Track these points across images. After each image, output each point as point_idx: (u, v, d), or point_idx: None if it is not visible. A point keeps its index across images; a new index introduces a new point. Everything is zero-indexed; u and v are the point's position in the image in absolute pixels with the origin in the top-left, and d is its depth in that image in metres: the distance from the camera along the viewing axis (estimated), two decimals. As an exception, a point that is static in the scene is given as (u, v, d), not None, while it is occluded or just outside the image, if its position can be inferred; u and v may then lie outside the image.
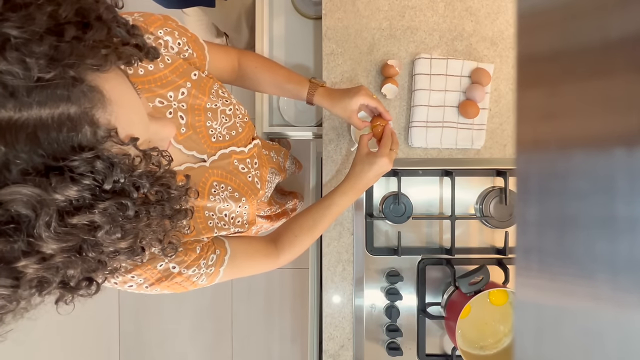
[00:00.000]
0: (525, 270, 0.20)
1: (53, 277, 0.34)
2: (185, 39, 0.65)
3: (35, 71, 0.28)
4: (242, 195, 0.71)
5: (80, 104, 0.31)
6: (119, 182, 0.34)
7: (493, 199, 0.95)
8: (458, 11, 0.97)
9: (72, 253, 0.33)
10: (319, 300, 1.05)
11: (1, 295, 0.32)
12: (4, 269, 0.31)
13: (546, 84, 0.19)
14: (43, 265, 0.32)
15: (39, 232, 0.30)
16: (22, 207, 0.29)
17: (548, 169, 0.18)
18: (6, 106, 0.28)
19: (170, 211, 0.41)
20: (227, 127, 0.70)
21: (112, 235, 0.35)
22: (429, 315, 0.92)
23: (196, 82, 0.65)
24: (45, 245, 0.31)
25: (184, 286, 0.59)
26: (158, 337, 1.84)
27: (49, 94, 0.29)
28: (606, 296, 0.16)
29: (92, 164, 0.32)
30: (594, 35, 0.16)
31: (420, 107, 0.96)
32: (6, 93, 0.28)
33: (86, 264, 0.35)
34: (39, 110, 0.29)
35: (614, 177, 0.15)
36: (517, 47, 0.20)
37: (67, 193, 0.31)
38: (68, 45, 0.30)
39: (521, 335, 0.20)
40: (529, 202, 0.19)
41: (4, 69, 0.27)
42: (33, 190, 0.29)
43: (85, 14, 0.32)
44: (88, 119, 0.32)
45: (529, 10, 0.19)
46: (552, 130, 0.18)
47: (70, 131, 0.31)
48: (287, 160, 1.23)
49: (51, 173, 0.30)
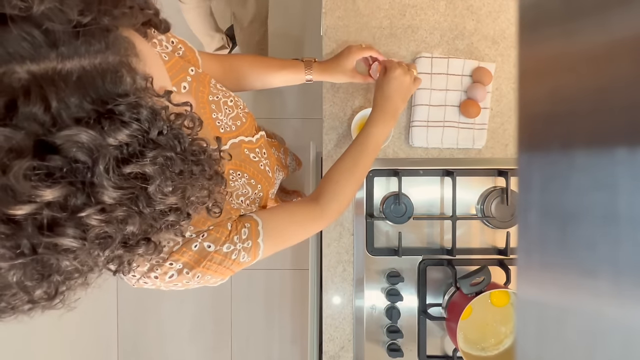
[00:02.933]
0: (526, 270, 0.20)
1: (115, 233, 0.35)
2: (176, 40, 0.67)
3: (74, 14, 0.29)
4: (258, 182, 0.71)
5: (118, 52, 0.33)
6: (162, 134, 0.35)
7: (494, 199, 0.94)
8: (459, 10, 0.97)
9: (130, 206, 0.34)
10: (319, 301, 1.04)
11: (71, 249, 0.32)
12: (70, 219, 0.31)
13: (548, 82, 0.18)
14: (105, 216, 0.33)
15: (99, 179, 0.31)
16: (80, 152, 0.30)
17: (549, 168, 0.18)
18: (49, 56, 0.29)
19: (210, 170, 0.42)
20: (232, 118, 0.70)
21: (163, 189, 0.36)
22: (430, 317, 0.92)
23: (195, 76, 0.65)
24: (105, 193, 0.32)
25: (226, 266, 0.58)
26: (157, 338, 1.84)
27: (87, 41, 0.31)
28: (608, 296, 0.16)
29: (137, 109, 0.33)
30: (595, 33, 0.16)
31: (421, 107, 0.95)
32: (49, 42, 0.29)
33: (143, 221, 0.36)
34: (80, 60, 0.30)
35: (616, 176, 0.15)
36: (519, 46, 0.20)
37: (120, 137, 0.32)
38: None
39: (522, 337, 0.20)
40: (531, 202, 0.19)
41: (46, 9, 0.28)
42: (88, 133, 0.30)
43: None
44: (126, 67, 0.33)
45: (531, 8, 0.19)
46: (554, 130, 0.18)
47: (113, 78, 0.32)
48: (287, 157, 1.23)
49: (102, 117, 0.31)
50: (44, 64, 0.29)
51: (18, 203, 0.29)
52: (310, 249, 1.08)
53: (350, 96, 0.97)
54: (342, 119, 0.98)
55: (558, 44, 0.18)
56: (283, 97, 1.83)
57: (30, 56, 0.28)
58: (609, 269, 0.16)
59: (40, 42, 0.28)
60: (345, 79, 0.88)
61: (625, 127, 0.15)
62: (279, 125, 1.82)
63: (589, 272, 0.16)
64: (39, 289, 0.34)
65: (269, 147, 0.84)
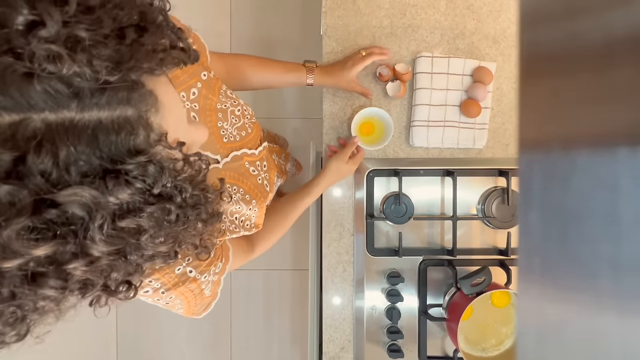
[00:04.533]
0: (527, 271, 0.20)
1: (97, 280, 0.34)
2: (190, 39, 0.65)
3: (103, 74, 0.29)
4: (252, 198, 0.70)
5: (138, 107, 0.32)
6: (166, 187, 0.34)
7: (495, 199, 0.94)
8: (460, 9, 0.97)
9: (117, 256, 0.34)
10: (319, 302, 1.04)
11: (49, 297, 0.32)
12: (55, 271, 0.31)
13: (549, 82, 0.18)
14: (91, 267, 0.32)
15: (92, 234, 0.30)
16: (79, 209, 0.29)
17: (551, 168, 0.18)
18: (69, 106, 0.28)
19: (206, 215, 0.42)
20: (237, 128, 0.70)
21: (155, 239, 0.36)
22: (431, 317, 0.91)
23: (206, 82, 0.65)
24: (95, 247, 0.31)
25: (194, 294, 0.59)
26: (156, 338, 1.84)
27: (110, 96, 0.30)
28: (609, 298, 0.16)
29: (145, 167, 0.32)
30: (597, 32, 0.16)
31: (422, 106, 0.95)
32: (71, 93, 0.28)
33: (128, 267, 0.36)
34: (99, 112, 0.29)
35: (618, 177, 0.15)
36: (520, 46, 0.20)
37: (122, 196, 0.31)
38: (129, 48, 0.30)
39: (523, 337, 0.20)
40: (532, 203, 0.19)
41: (76, 70, 0.28)
42: (91, 192, 0.29)
43: (143, 17, 0.33)
44: (143, 122, 0.32)
45: (532, 7, 0.19)
46: (555, 130, 0.18)
47: (128, 134, 0.31)
48: (287, 163, 1.23)
49: (107, 176, 0.30)
50: (62, 114, 0.28)
51: (6, 258, 0.28)
52: (310, 249, 1.08)
53: (351, 96, 0.97)
54: (342, 119, 0.97)
55: (559, 43, 0.18)
56: (283, 97, 1.83)
57: (50, 107, 0.27)
58: (610, 270, 0.15)
59: (63, 95, 0.28)
60: (345, 88, 0.92)
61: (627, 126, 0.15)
62: (279, 125, 1.82)
63: (590, 273, 0.16)
64: (12, 331, 0.33)
65: (270, 158, 0.84)
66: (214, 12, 1.81)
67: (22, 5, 0.26)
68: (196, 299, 0.59)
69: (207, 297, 0.61)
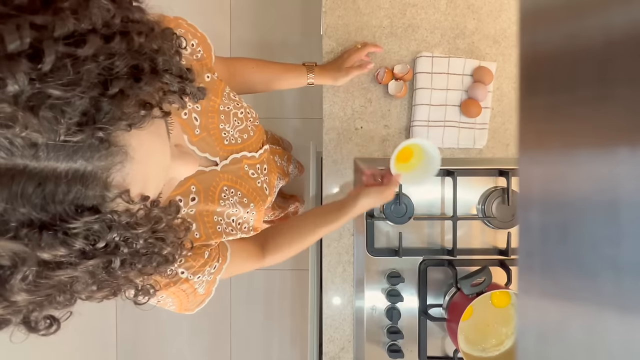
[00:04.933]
0: (527, 271, 0.20)
1: (14, 319, 0.32)
2: (196, 40, 0.65)
3: (61, 134, 0.26)
4: (250, 201, 0.70)
5: (98, 165, 0.29)
6: (113, 240, 0.31)
7: (495, 199, 0.94)
8: (460, 9, 0.96)
9: (42, 300, 0.31)
10: (319, 302, 1.04)
11: None
12: None
13: (549, 82, 0.18)
14: (7, 310, 0.30)
15: (12, 283, 0.28)
16: (3, 259, 0.27)
17: (551, 168, 0.18)
18: (23, 155, 0.26)
19: (156, 263, 0.37)
20: (240, 130, 0.70)
21: (87, 287, 0.33)
22: (431, 317, 0.91)
23: (209, 84, 0.65)
24: (14, 295, 0.28)
25: (187, 294, 0.58)
26: (156, 339, 1.84)
27: (70, 152, 0.27)
28: (610, 298, 0.16)
29: (90, 226, 0.29)
30: (597, 32, 0.16)
31: (422, 106, 0.95)
32: (27, 145, 0.26)
33: (52, 307, 0.33)
34: (55, 163, 0.27)
35: (618, 177, 0.15)
36: (520, 46, 0.20)
37: (55, 253, 0.28)
38: (109, 102, 0.28)
39: (524, 338, 0.20)
40: (532, 203, 0.19)
41: (33, 129, 0.25)
42: (21, 247, 0.27)
43: (139, 65, 0.30)
44: (102, 181, 0.29)
45: (532, 7, 0.19)
46: (555, 130, 0.18)
47: (79, 192, 0.28)
48: (290, 165, 1.22)
49: (44, 231, 0.28)
50: (13, 160, 0.25)
51: None
52: (310, 250, 1.08)
53: (351, 95, 0.97)
54: (342, 119, 0.97)
55: (559, 43, 0.18)
56: (283, 97, 1.83)
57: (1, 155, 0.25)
58: (611, 270, 0.15)
59: (17, 145, 0.25)
60: (343, 77, 0.91)
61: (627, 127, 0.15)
62: (279, 125, 1.82)
63: (591, 273, 0.16)
64: None
65: (271, 161, 0.84)
66: (213, 13, 1.81)
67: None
68: (188, 298, 0.59)
69: (201, 295, 0.61)
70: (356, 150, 0.97)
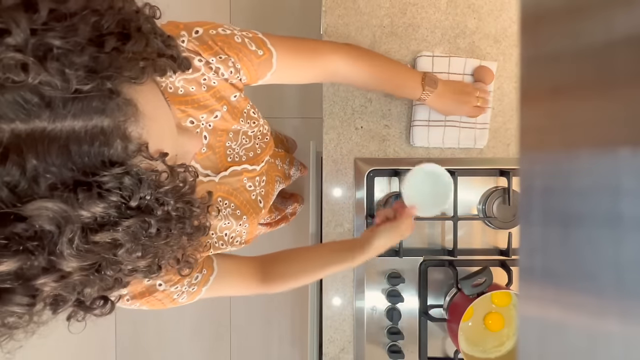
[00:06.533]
0: (528, 272, 0.20)
1: (69, 295, 0.33)
2: (239, 65, 0.60)
3: (73, 83, 0.28)
4: (243, 214, 0.69)
5: (114, 117, 0.30)
6: (145, 199, 0.33)
7: (496, 200, 0.93)
8: (461, 8, 0.96)
9: (91, 271, 0.32)
10: (318, 303, 1.04)
11: (16, 313, 0.31)
12: (22, 287, 0.30)
13: (550, 82, 0.18)
14: (61, 283, 0.31)
15: (61, 249, 0.29)
16: (47, 222, 0.28)
17: (552, 168, 0.18)
18: (41, 116, 0.27)
19: (190, 229, 0.40)
20: (246, 149, 0.69)
21: (132, 254, 0.34)
22: (431, 318, 0.91)
23: (233, 104, 0.63)
24: (65, 262, 0.30)
25: (163, 302, 0.58)
26: (155, 340, 1.84)
27: (84, 105, 0.29)
28: (612, 299, 0.16)
29: (121, 180, 0.31)
30: (598, 32, 0.16)
31: (422, 106, 0.94)
32: (42, 103, 0.27)
33: (103, 282, 0.35)
34: (72, 121, 0.28)
35: (619, 177, 0.15)
36: (521, 45, 0.20)
37: (94, 210, 0.30)
38: (107, 56, 0.29)
39: (525, 339, 0.20)
40: (533, 203, 0.19)
41: (44, 79, 0.27)
42: (60, 205, 0.28)
43: (125, 24, 0.32)
44: (120, 133, 0.31)
45: (533, 7, 0.19)
46: (556, 129, 0.18)
47: (102, 145, 0.30)
48: (292, 167, 1.21)
49: (79, 188, 0.29)
50: (33, 123, 0.27)
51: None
52: (311, 250, 1.08)
53: (351, 95, 0.97)
54: (342, 119, 0.97)
55: (560, 42, 0.18)
56: (283, 96, 1.83)
57: (20, 117, 0.26)
58: (612, 271, 0.15)
59: (33, 104, 0.27)
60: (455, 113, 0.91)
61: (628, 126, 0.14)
62: (278, 124, 1.82)
63: (592, 273, 0.16)
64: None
65: (269, 172, 0.82)
66: (212, 11, 1.81)
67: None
68: (165, 305, 0.59)
69: (182, 302, 0.61)
70: (356, 150, 0.97)
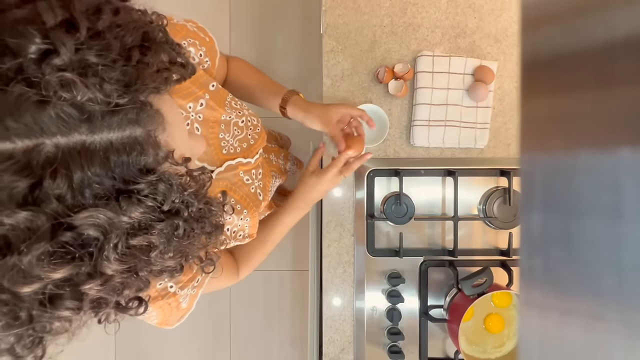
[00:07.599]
0: (529, 272, 0.20)
1: (111, 298, 0.35)
2: (204, 49, 0.65)
3: (114, 97, 0.29)
4: (244, 208, 0.70)
5: (146, 127, 0.33)
6: (175, 203, 0.35)
7: (497, 200, 0.93)
8: (461, 7, 0.96)
9: (130, 273, 0.35)
10: (319, 303, 1.04)
11: (64, 317, 0.33)
12: (71, 292, 0.32)
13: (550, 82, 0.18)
14: (105, 286, 0.33)
15: (107, 254, 0.31)
16: (94, 230, 0.30)
17: (553, 168, 0.18)
18: (80, 130, 0.29)
19: (210, 228, 0.43)
20: (239, 140, 0.69)
21: (164, 255, 0.37)
22: (432, 318, 0.91)
23: (213, 93, 0.64)
24: (110, 266, 0.32)
25: (171, 308, 0.58)
26: (155, 340, 1.83)
27: (120, 118, 0.30)
28: (612, 299, 0.16)
29: (156, 185, 0.33)
30: (598, 31, 0.16)
31: (423, 106, 0.94)
32: (83, 117, 0.29)
33: (138, 283, 0.37)
34: (109, 133, 0.30)
35: (620, 177, 0.15)
36: (521, 45, 0.20)
37: (134, 215, 0.32)
38: (135, 69, 0.31)
39: (525, 339, 0.20)
40: (534, 203, 0.19)
41: (88, 96, 0.28)
42: (107, 213, 0.30)
43: (145, 36, 0.34)
44: (152, 142, 0.33)
45: (533, 6, 0.19)
46: (557, 129, 0.18)
47: (138, 154, 0.32)
48: (287, 163, 1.22)
49: (121, 196, 0.31)
50: (73, 137, 0.28)
51: (26, 283, 0.29)
52: (310, 250, 1.08)
53: (351, 95, 0.96)
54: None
55: (561, 42, 0.18)
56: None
57: (62, 131, 0.28)
58: (613, 271, 0.15)
59: (74, 118, 0.28)
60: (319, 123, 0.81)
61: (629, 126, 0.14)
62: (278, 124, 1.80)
63: (593, 274, 0.16)
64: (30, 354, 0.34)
65: (265, 164, 0.83)
66: (213, 12, 1.81)
67: (35, 35, 0.27)
68: (172, 312, 0.59)
69: (184, 309, 0.61)
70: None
